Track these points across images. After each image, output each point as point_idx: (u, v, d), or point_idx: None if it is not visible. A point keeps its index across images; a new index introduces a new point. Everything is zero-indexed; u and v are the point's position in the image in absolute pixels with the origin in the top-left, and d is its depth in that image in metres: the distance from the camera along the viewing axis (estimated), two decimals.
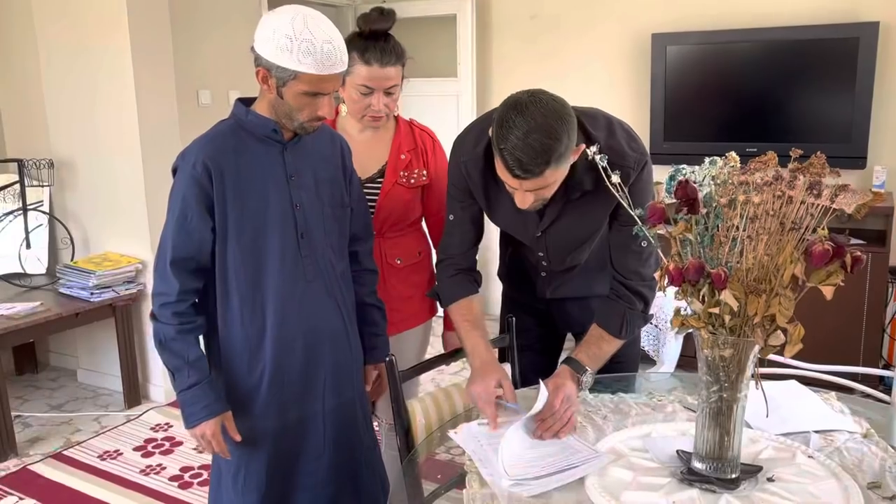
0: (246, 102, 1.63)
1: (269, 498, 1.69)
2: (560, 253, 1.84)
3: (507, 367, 1.89)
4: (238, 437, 1.62)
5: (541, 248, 1.83)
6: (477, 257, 1.89)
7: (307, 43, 1.45)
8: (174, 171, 1.60)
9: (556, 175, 1.50)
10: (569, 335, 2.06)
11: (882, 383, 3.45)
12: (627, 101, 4.19)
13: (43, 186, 3.71)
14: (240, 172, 1.56)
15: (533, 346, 1.98)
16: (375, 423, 2.29)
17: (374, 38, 1.85)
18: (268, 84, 1.52)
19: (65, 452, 3.17)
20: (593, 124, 1.63)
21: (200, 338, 1.63)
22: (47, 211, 3.74)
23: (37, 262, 3.74)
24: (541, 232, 1.77)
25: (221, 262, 1.59)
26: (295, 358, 1.66)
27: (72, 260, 3.64)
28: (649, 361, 3.59)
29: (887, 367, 3.67)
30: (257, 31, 1.51)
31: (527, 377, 1.90)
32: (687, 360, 3.45)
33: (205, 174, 1.53)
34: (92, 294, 3.40)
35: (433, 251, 2.08)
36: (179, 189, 1.55)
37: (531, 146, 1.42)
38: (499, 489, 1.32)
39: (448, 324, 2.17)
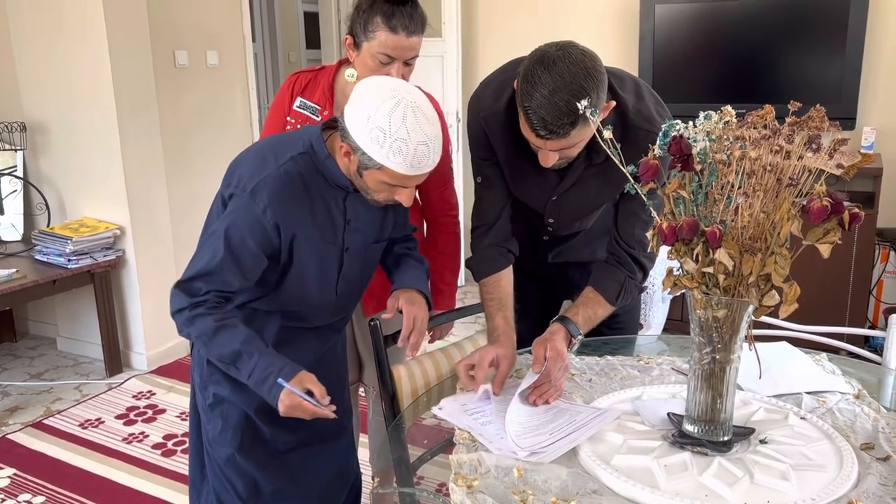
0: (327, 125, 1.51)
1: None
2: (571, 219, 1.79)
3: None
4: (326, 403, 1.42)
5: (552, 214, 1.77)
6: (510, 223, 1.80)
7: (401, 142, 1.34)
8: (228, 196, 1.47)
9: (582, 135, 1.42)
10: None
11: (867, 344, 3.46)
12: (615, 61, 4.03)
13: (16, 150, 3.60)
14: (306, 222, 1.48)
15: (532, 313, 1.91)
16: (362, 391, 2.26)
17: (401, 2, 1.69)
18: (349, 158, 1.42)
19: (45, 421, 3.13)
20: (621, 85, 1.54)
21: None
22: (21, 176, 3.64)
23: (11, 229, 3.65)
24: (557, 196, 1.71)
25: (269, 289, 1.54)
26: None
27: (48, 226, 3.56)
28: None
29: (872, 328, 3.68)
30: (350, 105, 1.39)
31: (523, 343, 1.86)
32: (672, 324, 3.44)
33: (274, 229, 1.44)
34: (69, 261, 3.33)
35: (425, 226, 2.02)
36: (239, 228, 1.42)
37: (557, 106, 1.34)
38: (496, 453, 1.30)
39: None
